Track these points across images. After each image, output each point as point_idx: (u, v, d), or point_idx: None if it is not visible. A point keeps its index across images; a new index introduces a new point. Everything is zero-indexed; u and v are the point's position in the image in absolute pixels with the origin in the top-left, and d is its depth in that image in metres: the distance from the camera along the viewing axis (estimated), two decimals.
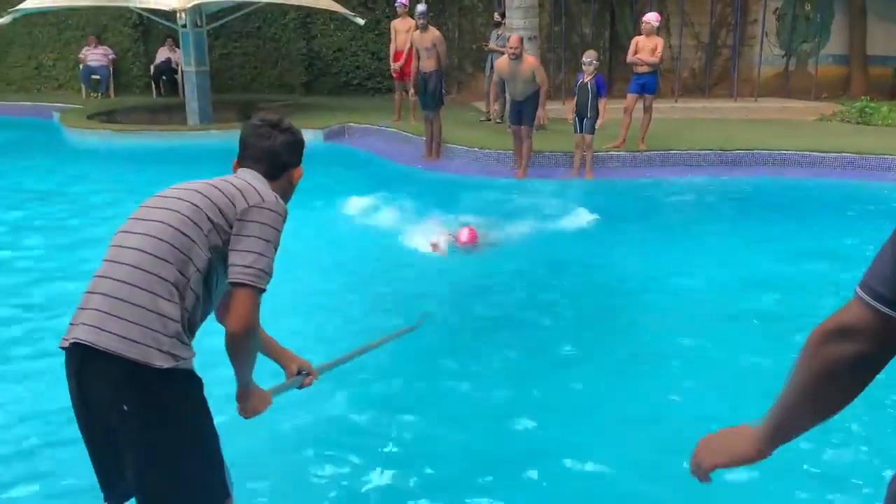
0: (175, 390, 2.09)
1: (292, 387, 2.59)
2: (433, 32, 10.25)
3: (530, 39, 10.90)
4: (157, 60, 15.46)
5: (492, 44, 11.91)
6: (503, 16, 11.59)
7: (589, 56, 8.95)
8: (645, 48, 9.72)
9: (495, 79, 9.41)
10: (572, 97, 9.31)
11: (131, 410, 2.05)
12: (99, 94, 15.45)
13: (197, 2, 11.65)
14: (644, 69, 9.75)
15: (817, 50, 14.48)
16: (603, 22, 14.88)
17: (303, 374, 2.60)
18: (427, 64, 10.10)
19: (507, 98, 9.44)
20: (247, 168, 2.35)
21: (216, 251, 2.15)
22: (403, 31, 11.47)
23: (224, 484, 2.25)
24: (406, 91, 11.28)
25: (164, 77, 15.45)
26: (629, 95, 9.94)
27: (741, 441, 1.41)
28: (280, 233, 2.21)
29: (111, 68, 15.52)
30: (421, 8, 10.41)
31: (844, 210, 7.84)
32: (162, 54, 15.42)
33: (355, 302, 5.40)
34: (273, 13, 15.43)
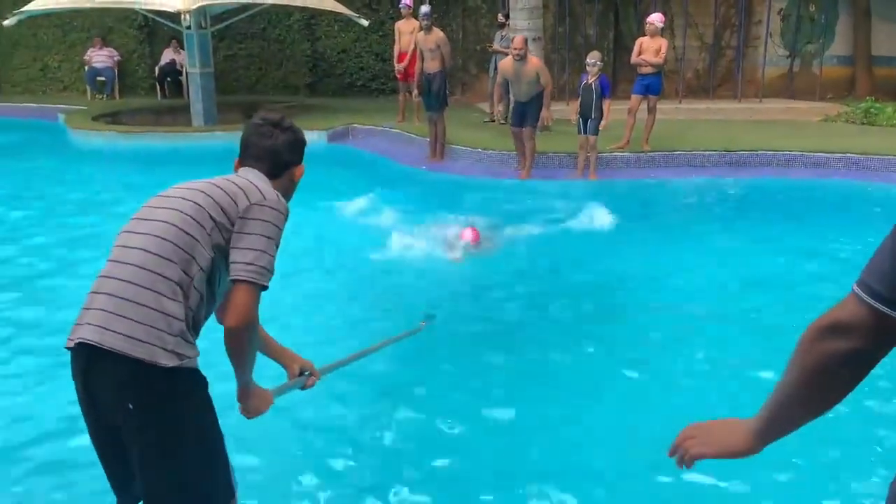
0: (180, 389, 2.10)
1: (295, 387, 2.58)
2: (437, 33, 10.26)
3: (534, 40, 10.90)
4: (162, 62, 15.50)
5: (496, 45, 11.91)
6: (507, 17, 11.60)
7: (593, 57, 8.95)
8: (649, 49, 9.72)
9: (499, 80, 9.41)
10: (576, 98, 9.31)
11: (136, 409, 2.05)
12: (104, 96, 15.49)
13: (202, 3, 11.67)
14: (648, 70, 9.74)
15: (822, 51, 14.46)
16: (607, 23, 14.88)
17: (305, 375, 2.59)
18: (431, 65, 10.10)
19: (511, 99, 9.44)
20: (248, 167, 2.36)
21: (219, 250, 2.15)
22: (407, 33, 11.48)
23: (229, 484, 2.25)
24: (410, 92, 11.29)
25: (169, 78, 15.49)
26: (633, 96, 9.94)
27: (733, 434, 1.41)
28: (281, 231, 2.21)
29: (116, 70, 15.56)
30: (425, 9, 10.43)
31: (849, 211, 7.84)
32: (167, 56, 15.46)
33: (357, 303, 5.40)
34: (277, 15, 15.46)
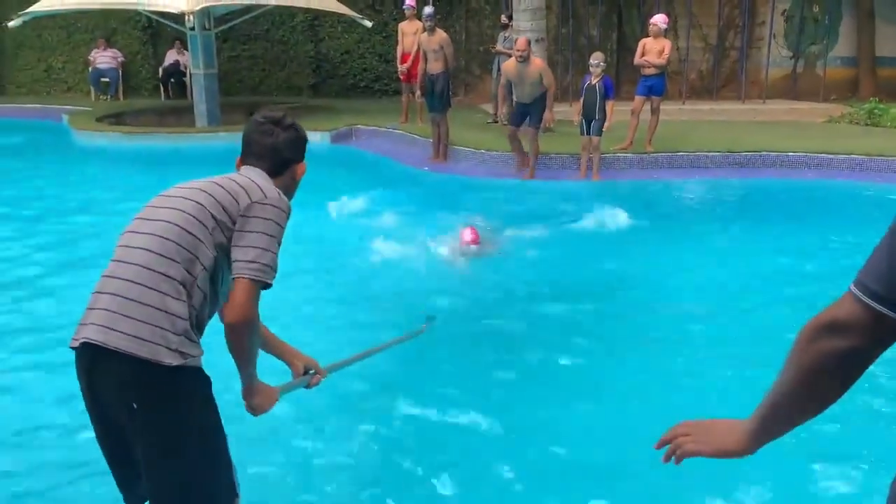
0: (183, 388, 2.10)
1: (299, 386, 2.57)
2: (440, 34, 10.26)
3: (537, 41, 10.91)
4: (166, 63, 15.53)
5: (499, 46, 11.92)
6: (510, 18, 11.60)
7: (596, 58, 8.95)
8: (652, 50, 9.71)
9: (503, 81, 9.41)
10: (579, 99, 9.30)
11: (140, 408, 2.06)
12: (108, 97, 15.53)
13: (205, 4, 11.70)
14: (651, 71, 9.74)
15: (825, 52, 14.44)
16: (610, 24, 14.88)
17: (310, 374, 2.59)
18: (434, 66, 10.11)
19: (513, 100, 9.43)
20: (250, 165, 2.36)
21: (221, 249, 2.16)
22: (410, 34, 11.49)
23: (232, 484, 2.25)
24: (413, 93, 11.29)
25: (173, 79, 15.52)
26: (636, 97, 9.93)
27: (728, 434, 1.42)
28: (283, 229, 2.21)
29: (120, 71, 15.60)
30: (428, 10, 10.44)
31: (852, 212, 7.82)
32: (170, 57, 15.49)
33: (358, 303, 5.39)
34: (281, 16, 15.49)
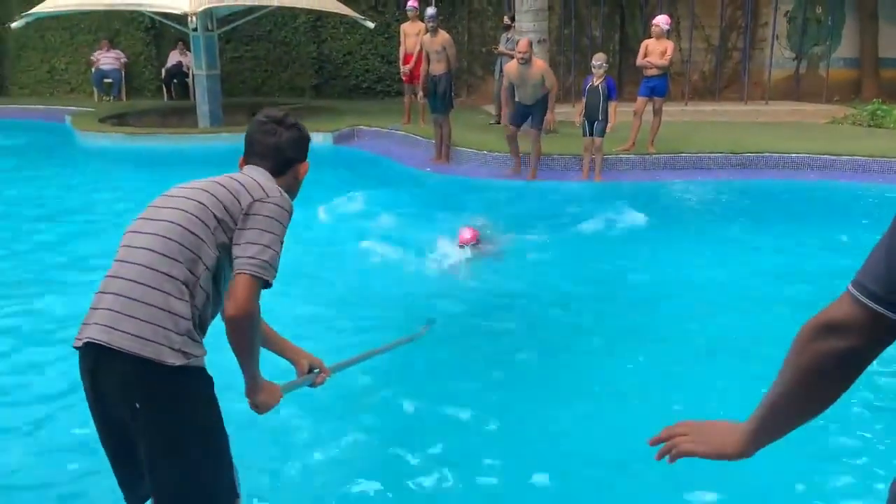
0: (186, 388, 2.11)
1: (304, 384, 2.57)
2: (443, 36, 10.27)
3: (540, 42, 10.91)
4: (169, 64, 15.55)
5: (501, 47, 11.91)
6: (513, 19, 11.60)
7: (599, 59, 8.95)
8: (654, 51, 9.70)
9: (505, 84, 9.38)
10: (582, 100, 9.29)
11: (143, 408, 2.06)
12: (111, 98, 15.55)
13: (208, 6, 11.71)
14: (653, 72, 9.73)
15: (828, 53, 14.43)
16: (613, 25, 14.87)
17: (315, 372, 2.59)
18: (437, 67, 10.12)
19: (516, 101, 9.42)
20: (253, 165, 2.37)
21: (224, 249, 2.16)
22: (413, 35, 11.49)
23: (233, 484, 2.26)
24: (415, 94, 11.30)
25: (176, 80, 15.54)
26: (639, 98, 9.92)
27: (725, 436, 1.42)
28: (285, 227, 2.20)
29: (123, 72, 15.62)
30: (430, 11, 10.44)
31: (854, 213, 7.81)
32: (173, 58, 15.50)
33: (360, 304, 5.38)
34: (284, 17, 15.51)
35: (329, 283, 5.82)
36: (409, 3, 11.75)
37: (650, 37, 9.98)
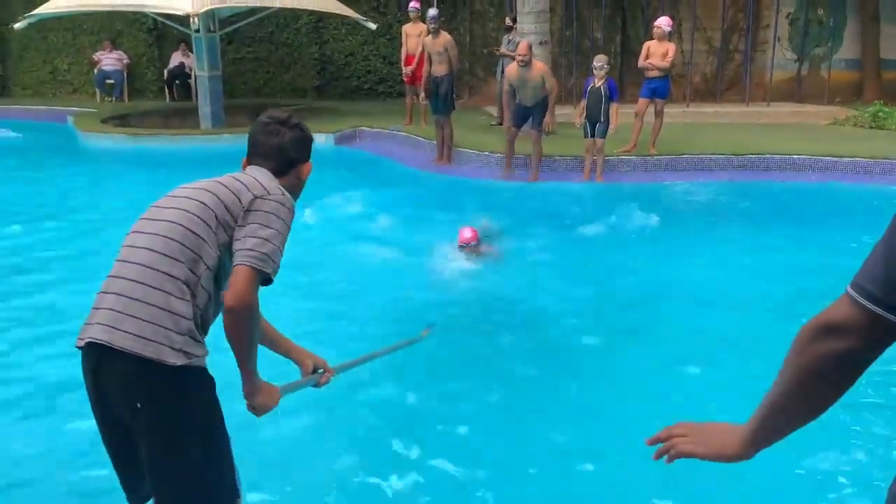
0: (187, 388, 2.11)
1: (308, 384, 2.56)
2: (444, 37, 10.27)
3: (541, 44, 10.92)
4: (171, 65, 15.55)
5: (503, 48, 11.91)
6: (514, 20, 11.61)
7: (600, 60, 8.95)
8: (656, 53, 9.71)
9: (506, 87, 9.33)
10: (583, 101, 9.28)
11: (144, 408, 2.06)
12: (113, 99, 15.55)
13: (210, 7, 11.73)
14: (655, 74, 9.73)
15: (830, 55, 14.42)
16: (614, 26, 14.88)
17: (319, 373, 2.58)
18: (438, 68, 10.12)
19: (517, 102, 9.41)
20: (256, 165, 2.37)
21: (225, 248, 2.16)
22: (415, 36, 11.50)
23: (234, 485, 2.26)
24: (417, 95, 11.31)
25: (178, 81, 15.54)
26: (640, 100, 9.93)
27: (725, 437, 1.41)
28: (287, 224, 2.19)
29: (125, 73, 15.63)
30: (432, 12, 10.45)
31: (856, 215, 7.81)
32: (175, 59, 15.51)
33: (360, 305, 5.38)
34: (286, 18, 15.51)
35: (330, 284, 5.83)
36: (411, 5, 11.77)
37: (652, 38, 9.99)
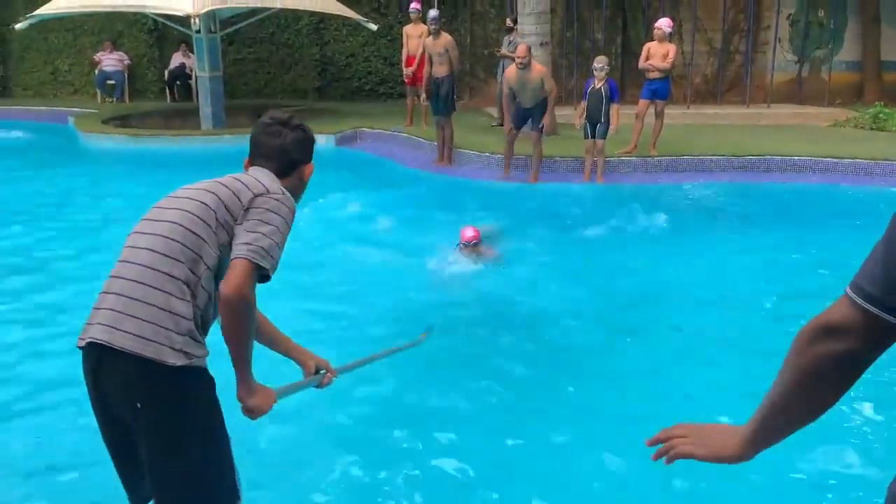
0: (187, 388, 2.11)
1: (310, 385, 2.55)
2: (445, 38, 10.28)
3: (542, 45, 10.92)
4: (172, 66, 15.57)
5: (504, 49, 11.92)
6: (515, 21, 11.61)
7: (600, 62, 8.96)
8: (657, 54, 9.71)
9: (505, 91, 9.30)
10: (583, 103, 9.28)
11: (144, 408, 2.07)
12: (114, 99, 15.57)
13: (211, 7, 11.74)
14: (655, 75, 9.74)
15: (830, 56, 14.43)
16: (615, 28, 14.89)
17: (321, 374, 2.57)
18: (439, 69, 10.13)
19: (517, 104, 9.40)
20: (258, 166, 2.37)
21: (225, 248, 2.16)
22: (416, 37, 11.51)
23: (234, 486, 2.25)
24: (418, 96, 11.32)
25: (179, 82, 15.55)
26: (641, 101, 9.94)
27: (725, 439, 1.41)
28: (287, 223, 2.19)
29: (126, 73, 15.64)
30: (433, 14, 10.46)
31: (856, 216, 7.80)
32: (176, 60, 15.52)
33: (360, 306, 5.37)
34: (286, 19, 15.53)
35: (330, 284, 5.83)
36: (412, 6, 11.78)
37: (652, 40, 10.00)
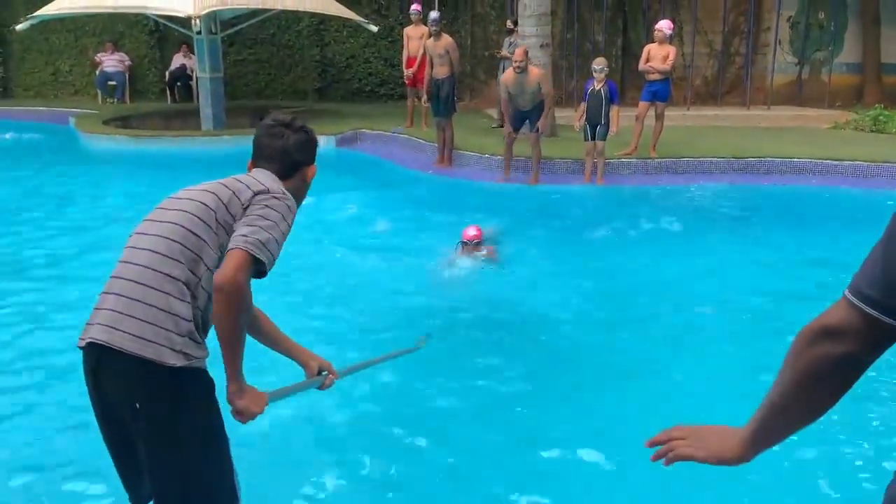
0: (187, 389, 2.11)
1: (312, 386, 2.55)
2: (446, 39, 10.29)
3: (542, 47, 10.93)
4: (173, 66, 15.57)
5: (504, 51, 11.93)
6: (516, 23, 11.61)
7: (599, 63, 8.97)
8: (657, 56, 9.72)
9: (503, 95, 9.29)
10: (582, 104, 9.29)
11: (143, 408, 2.07)
12: (115, 100, 15.57)
13: (212, 9, 11.75)
14: (656, 77, 9.74)
15: (831, 58, 14.44)
16: (615, 29, 14.90)
17: (323, 375, 2.56)
18: (440, 71, 10.14)
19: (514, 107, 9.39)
20: (261, 168, 2.37)
21: (225, 249, 2.14)
22: (416, 38, 11.52)
23: (233, 488, 2.26)
24: (418, 98, 11.33)
25: (179, 83, 15.56)
26: (641, 103, 9.94)
27: (724, 441, 1.41)
28: (286, 220, 2.17)
29: (127, 74, 15.65)
30: (434, 15, 10.47)
31: (856, 218, 7.80)
32: (177, 61, 15.53)
33: (360, 308, 5.37)
34: (287, 20, 15.54)
35: (330, 285, 5.83)
36: (413, 7, 11.79)
37: (653, 41, 10.01)
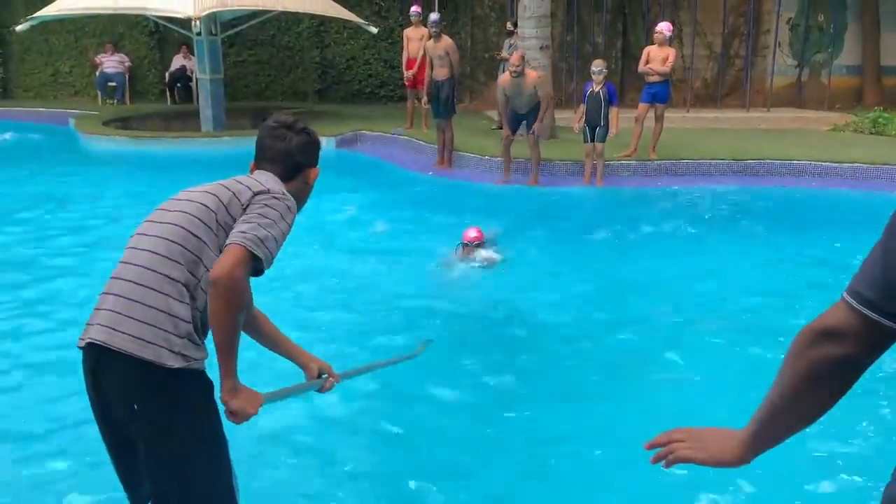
0: (185, 391, 2.11)
1: (312, 388, 2.55)
2: (446, 41, 10.30)
3: (542, 48, 10.94)
4: (173, 68, 15.57)
5: (504, 53, 11.94)
6: (516, 25, 11.63)
7: (598, 65, 8.98)
8: (656, 58, 9.73)
9: (500, 98, 9.29)
10: (581, 106, 9.30)
11: (141, 410, 2.07)
12: (115, 101, 15.57)
13: (212, 10, 11.75)
14: (655, 79, 9.75)
15: (830, 60, 14.46)
16: (615, 31, 14.91)
17: (324, 378, 2.55)
18: (440, 72, 10.15)
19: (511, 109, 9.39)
20: (263, 170, 2.36)
21: None
22: (416, 40, 11.53)
23: (231, 489, 2.25)
24: (418, 99, 11.34)
25: (179, 84, 15.56)
26: (641, 105, 9.95)
27: (723, 443, 1.41)
28: (285, 218, 2.16)
29: (127, 75, 15.66)
30: (434, 17, 10.48)
31: (855, 220, 7.80)
32: (177, 62, 15.53)
33: (360, 309, 5.36)
34: (287, 21, 15.55)
35: (329, 286, 5.82)
36: (413, 9, 11.80)
37: (652, 43, 10.02)
